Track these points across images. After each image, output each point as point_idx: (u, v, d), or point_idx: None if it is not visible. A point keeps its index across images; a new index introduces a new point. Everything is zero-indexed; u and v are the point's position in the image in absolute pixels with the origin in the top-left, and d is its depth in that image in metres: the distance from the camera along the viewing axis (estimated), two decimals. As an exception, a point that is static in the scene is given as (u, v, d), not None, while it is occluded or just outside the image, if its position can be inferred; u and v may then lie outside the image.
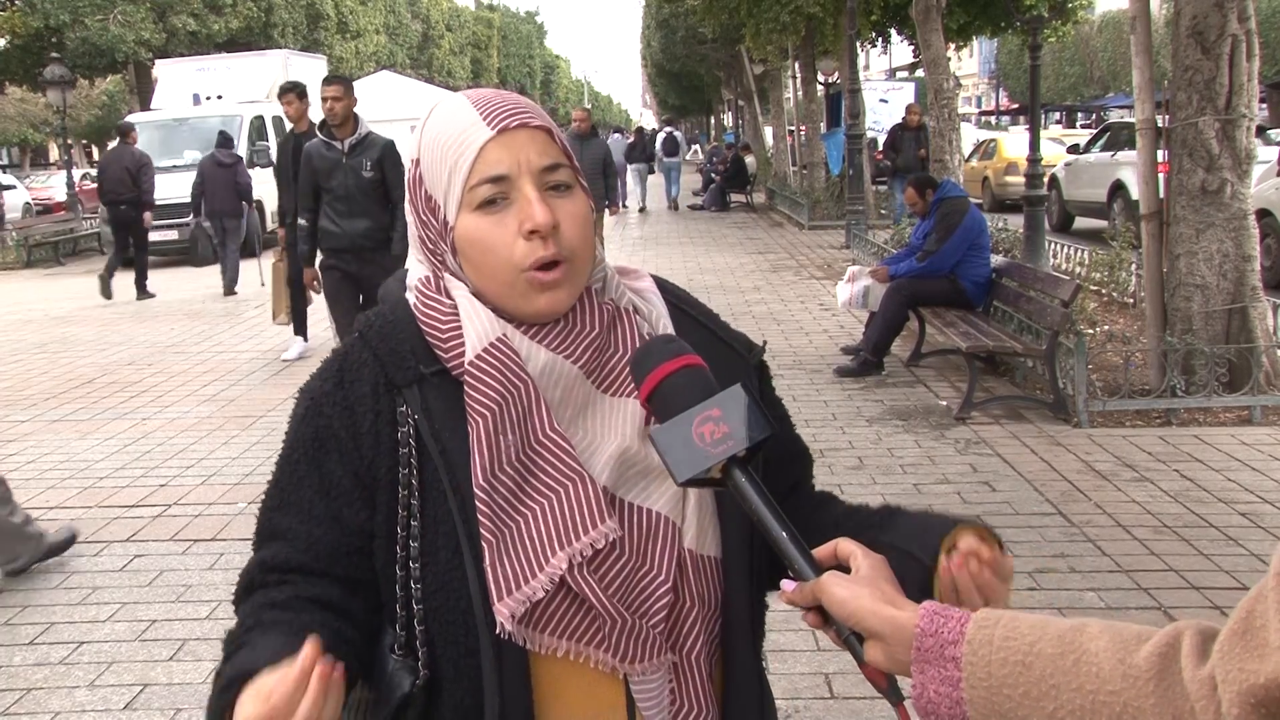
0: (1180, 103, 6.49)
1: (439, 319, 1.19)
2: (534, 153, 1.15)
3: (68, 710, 3.54)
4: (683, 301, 1.34)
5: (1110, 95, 41.86)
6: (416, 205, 1.22)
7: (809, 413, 6.78)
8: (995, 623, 0.92)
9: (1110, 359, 7.27)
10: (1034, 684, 0.88)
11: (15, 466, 6.29)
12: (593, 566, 1.12)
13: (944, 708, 0.92)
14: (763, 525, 1.04)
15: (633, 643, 1.13)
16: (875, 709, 3.35)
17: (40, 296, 14.28)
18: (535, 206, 1.13)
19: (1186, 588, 4.16)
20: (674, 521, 1.18)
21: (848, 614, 0.98)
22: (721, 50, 29.64)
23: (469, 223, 1.16)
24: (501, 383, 1.13)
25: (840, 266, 12.15)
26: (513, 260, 1.14)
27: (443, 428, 1.16)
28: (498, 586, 1.10)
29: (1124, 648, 0.86)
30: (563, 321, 1.19)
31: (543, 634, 1.13)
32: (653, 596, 1.15)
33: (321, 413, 1.20)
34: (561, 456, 1.14)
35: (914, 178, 8.94)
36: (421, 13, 55.56)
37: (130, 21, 28.40)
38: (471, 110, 1.17)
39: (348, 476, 1.18)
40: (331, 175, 6.95)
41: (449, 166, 1.16)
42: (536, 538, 1.11)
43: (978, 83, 60.44)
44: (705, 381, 1.08)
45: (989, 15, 18.12)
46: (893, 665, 0.97)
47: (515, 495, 1.13)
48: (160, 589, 4.48)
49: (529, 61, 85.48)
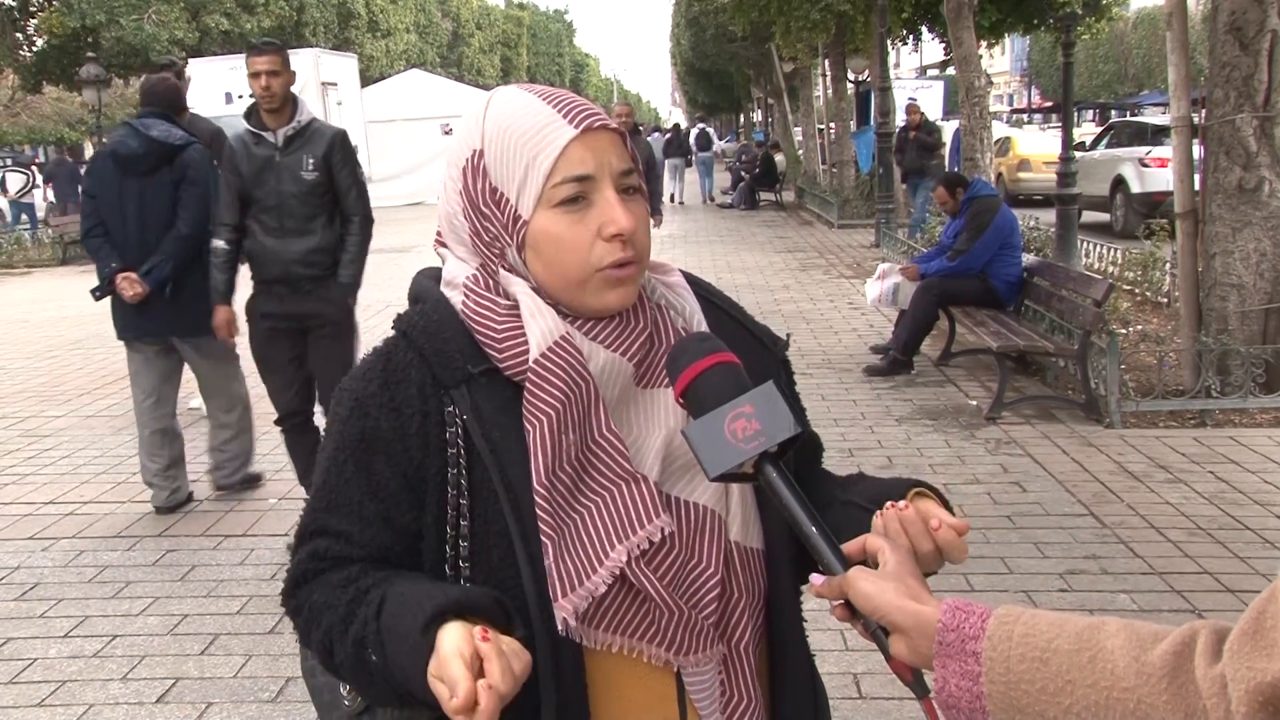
0: (1217, 100, 6.41)
1: (493, 319, 1.18)
2: (614, 155, 1.16)
3: (101, 702, 3.57)
4: (712, 295, 1.34)
5: (1145, 93, 41.46)
6: (473, 196, 1.20)
7: (838, 412, 6.76)
8: (1016, 619, 0.94)
9: (1143, 359, 7.19)
10: (1050, 679, 0.90)
11: (50, 461, 6.36)
12: (646, 560, 1.13)
13: (964, 701, 0.94)
14: (794, 520, 1.05)
15: (686, 635, 1.14)
16: (904, 710, 3.34)
17: (75, 293, 14.42)
18: (619, 210, 1.14)
19: (1221, 590, 4.11)
20: (720, 514, 1.19)
21: (873, 608, 1.00)
22: (751, 48, 29.54)
23: (546, 219, 1.15)
24: (566, 382, 1.13)
25: (870, 265, 12.09)
26: (589, 260, 1.14)
27: (492, 427, 1.15)
28: (560, 583, 1.11)
29: (1140, 646, 0.88)
30: (617, 319, 1.19)
31: (598, 630, 1.13)
32: (703, 589, 1.17)
33: (368, 414, 1.18)
34: (615, 456, 1.15)
35: (944, 176, 8.88)
36: (452, 11, 55.76)
37: (164, 21, 28.63)
38: (546, 106, 1.17)
39: (396, 478, 1.17)
40: (261, 179, 4.82)
41: (526, 160, 1.15)
42: (594, 534, 1.12)
43: (1009, 80, 60.00)
44: (738, 378, 1.09)
45: (1022, 12, 17.94)
46: (916, 659, 0.99)
47: (572, 494, 1.13)
48: (192, 584, 4.52)
49: (558, 60, 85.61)
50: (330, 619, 1.14)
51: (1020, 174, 20.32)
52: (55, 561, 4.81)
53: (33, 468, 6.26)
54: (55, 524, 5.29)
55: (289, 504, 5.39)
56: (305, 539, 1.22)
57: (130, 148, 5.15)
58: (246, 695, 3.56)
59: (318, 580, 1.18)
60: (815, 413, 6.72)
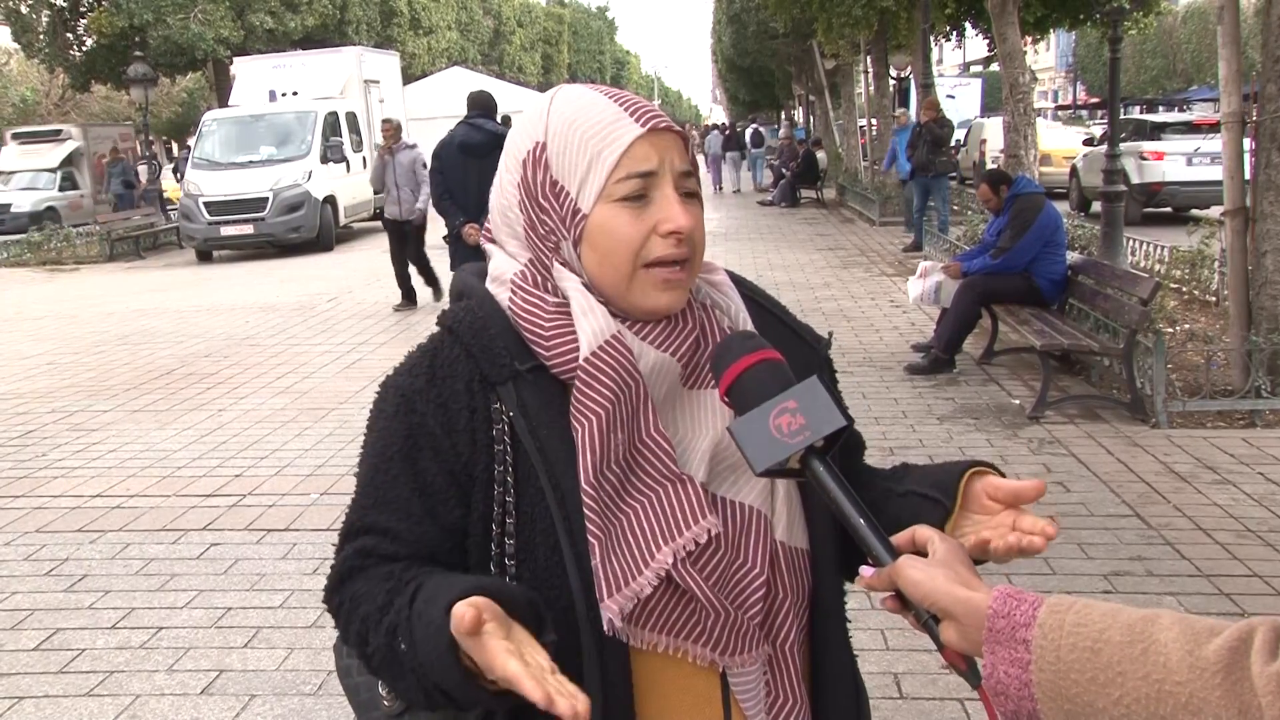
0: (1270, 95, 6.30)
1: (540, 317, 1.18)
2: (677, 157, 1.17)
3: (147, 693, 3.62)
4: (755, 294, 1.34)
5: (1194, 88, 40.77)
6: (532, 188, 1.20)
7: (879, 410, 6.71)
8: (1068, 608, 0.93)
9: (1191, 358, 7.08)
10: (1101, 670, 0.89)
11: (97, 455, 6.46)
12: (692, 561, 1.13)
13: (1013, 689, 0.93)
14: (841, 513, 1.05)
15: (732, 636, 1.14)
16: (944, 710, 3.31)
17: (122, 289, 14.66)
18: (678, 208, 1.15)
19: (1271, 594, 4.04)
20: (765, 514, 1.19)
21: (922, 595, 0.99)
22: (793, 45, 29.44)
23: (606, 213, 1.15)
24: (616, 381, 1.13)
25: (911, 263, 12.00)
26: (642, 254, 1.15)
27: (539, 425, 1.15)
28: (606, 583, 1.10)
29: (1194, 640, 0.86)
30: (667, 320, 1.19)
31: (644, 630, 1.13)
32: (749, 589, 1.17)
33: (415, 409, 1.18)
34: (662, 456, 1.15)
35: (988, 173, 8.78)
36: (493, 9, 55.96)
37: (210, 20, 28.97)
38: (613, 104, 1.17)
39: (442, 474, 1.17)
40: None
41: (590, 155, 1.15)
42: (641, 535, 1.12)
43: (1054, 76, 59.29)
44: (783, 374, 1.08)
45: (1067, 7, 17.72)
46: (966, 645, 0.98)
47: (619, 493, 1.13)
48: (235, 577, 4.57)
49: (599, 57, 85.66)
50: (368, 608, 1.13)
51: (1040, 169, 20.31)
52: (103, 554, 4.89)
53: (81, 461, 6.36)
54: (103, 517, 5.37)
55: (330, 499, 5.44)
56: (351, 536, 1.21)
57: (475, 139, 7.75)
58: (289, 688, 3.59)
59: (361, 576, 1.18)
60: (856, 411, 6.63)
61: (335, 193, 18.79)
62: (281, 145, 18.64)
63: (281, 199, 17.53)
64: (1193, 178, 16.15)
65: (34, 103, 43.47)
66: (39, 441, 6.83)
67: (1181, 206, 16.54)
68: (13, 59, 42.73)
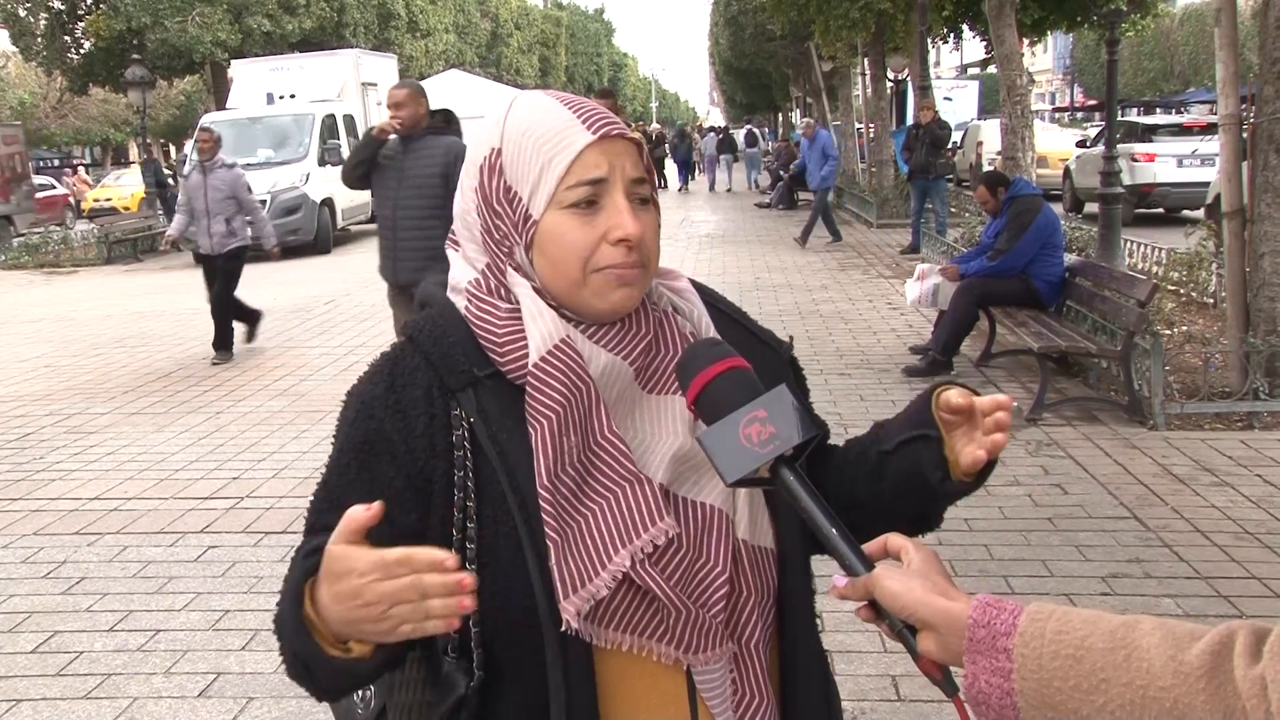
0: (1267, 97, 6.31)
1: (494, 323, 1.20)
2: (629, 164, 1.18)
3: (145, 696, 3.62)
4: (717, 301, 1.36)
5: (1191, 90, 40.84)
6: (487, 194, 1.21)
7: (877, 412, 6.69)
8: (1048, 616, 0.93)
9: (1188, 360, 7.09)
10: (1084, 677, 0.89)
11: (95, 458, 6.46)
12: (653, 561, 1.14)
13: (995, 698, 0.93)
14: (813, 522, 1.05)
15: (695, 634, 1.15)
16: (942, 713, 3.31)
17: (120, 292, 14.64)
18: (627, 216, 1.15)
19: (1268, 596, 4.04)
20: (726, 513, 1.20)
21: (900, 606, 0.99)
22: (790, 47, 29.44)
23: (556, 220, 1.16)
24: (566, 385, 1.14)
25: (908, 266, 12.01)
26: (591, 261, 1.16)
27: (499, 430, 1.17)
28: (563, 584, 1.11)
29: (1176, 645, 0.87)
30: (619, 324, 1.20)
31: (607, 629, 1.14)
32: (711, 587, 1.17)
33: (373, 416, 1.20)
34: (619, 458, 1.16)
35: (985, 175, 8.79)
36: (490, 11, 55.97)
37: (208, 23, 28.96)
38: (566, 111, 1.18)
39: (400, 478, 1.18)
40: None
41: (542, 161, 1.17)
42: (598, 536, 1.13)
43: (1051, 79, 59.37)
44: (751, 383, 1.09)
45: (1065, 10, 17.76)
46: (946, 656, 0.98)
47: (576, 495, 1.14)
48: (233, 580, 4.57)
49: (596, 60, 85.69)
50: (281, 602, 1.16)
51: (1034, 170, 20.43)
52: (100, 556, 4.88)
53: (79, 463, 6.36)
54: (101, 519, 5.37)
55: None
56: (306, 537, 1.23)
57: None
58: (287, 691, 3.59)
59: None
60: (854, 413, 6.69)
61: (333, 195, 18.78)
62: (279, 148, 18.64)
63: (279, 202, 17.51)
64: (1184, 179, 16.22)
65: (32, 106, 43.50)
66: (37, 444, 6.83)
67: (1173, 207, 16.60)
68: (11, 62, 42.76)
